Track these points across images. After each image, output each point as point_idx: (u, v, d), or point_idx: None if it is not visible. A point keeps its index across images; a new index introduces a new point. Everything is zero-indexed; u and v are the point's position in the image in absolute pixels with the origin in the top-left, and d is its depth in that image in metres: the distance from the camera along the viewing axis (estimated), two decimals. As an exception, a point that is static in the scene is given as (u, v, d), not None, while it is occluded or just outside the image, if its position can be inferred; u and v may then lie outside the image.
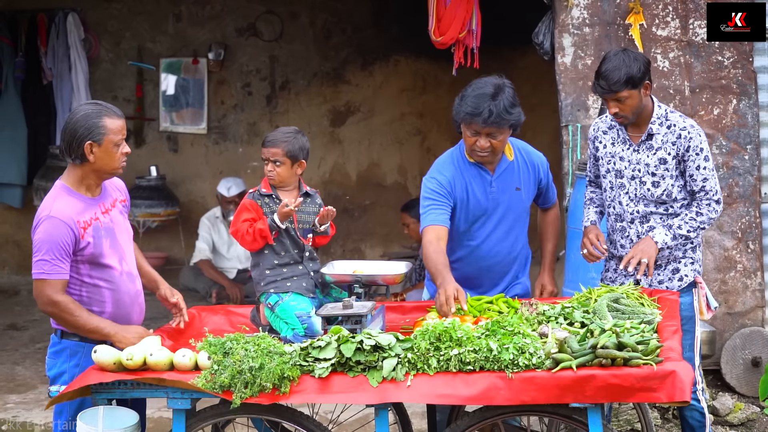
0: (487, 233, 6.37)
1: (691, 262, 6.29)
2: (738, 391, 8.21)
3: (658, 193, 6.19)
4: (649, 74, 6.14)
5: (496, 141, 6.13)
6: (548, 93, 10.47)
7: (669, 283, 6.25)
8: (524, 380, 4.85)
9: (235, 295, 11.30)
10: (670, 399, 4.74)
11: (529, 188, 6.44)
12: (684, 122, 6.19)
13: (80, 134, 5.42)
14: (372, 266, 6.11)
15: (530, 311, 5.67)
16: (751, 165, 8.19)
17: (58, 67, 12.78)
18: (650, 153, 6.19)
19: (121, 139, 5.52)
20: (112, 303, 5.61)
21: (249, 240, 5.85)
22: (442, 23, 8.70)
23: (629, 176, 6.25)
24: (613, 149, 6.34)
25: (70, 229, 5.41)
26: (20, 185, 13.04)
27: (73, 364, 5.56)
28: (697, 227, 6.15)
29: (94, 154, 5.45)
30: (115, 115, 5.51)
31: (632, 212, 6.27)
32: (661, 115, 6.21)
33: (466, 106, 6.07)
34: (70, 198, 5.51)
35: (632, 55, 6.11)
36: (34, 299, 5.60)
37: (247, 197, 5.91)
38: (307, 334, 5.58)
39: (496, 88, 6.07)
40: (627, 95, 6.08)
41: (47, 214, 5.42)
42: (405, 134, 13.55)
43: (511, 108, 6.07)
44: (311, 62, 13.58)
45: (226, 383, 4.94)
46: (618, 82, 6.05)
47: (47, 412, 8.35)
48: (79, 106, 5.60)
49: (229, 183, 11.72)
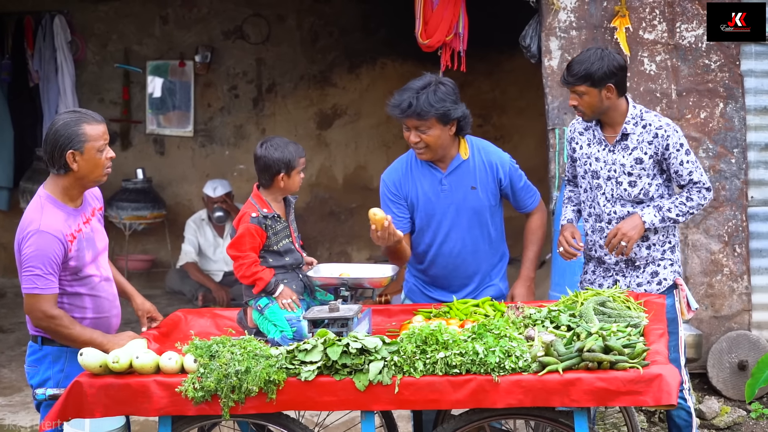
0: (446, 231, 6.39)
1: (671, 263, 6.31)
2: (724, 394, 8.22)
3: (635, 192, 6.20)
4: (617, 79, 6.10)
5: (425, 135, 6.14)
6: (535, 96, 10.50)
7: (648, 287, 6.26)
8: (510, 383, 4.84)
9: (222, 297, 11.29)
10: (657, 402, 4.74)
11: (487, 187, 6.40)
12: (659, 121, 6.21)
13: (61, 144, 5.37)
14: (358, 269, 6.10)
15: (516, 315, 5.67)
16: (737, 168, 8.20)
17: (44, 69, 12.75)
18: (626, 153, 6.20)
19: (103, 144, 5.47)
20: (92, 309, 5.60)
21: (244, 275, 5.72)
22: (429, 26, 8.70)
23: (605, 177, 6.26)
24: (589, 150, 6.35)
25: (60, 243, 5.37)
26: (6, 188, 13.01)
27: (57, 370, 5.55)
28: (687, 212, 6.16)
29: (77, 162, 5.41)
30: (94, 121, 5.46)
31: (609, 213, 6.28)
32: (636, 115, 6.22)
33: (390, 101, 6.16)
34: (56, 210, 5.45)
35: (604, 55, 6.11)
36: (19, 302, 5.58)
37: (251, 221, 5.81)
38: (295, 338, 5.56)
39: (425, 83, 6.12)
40: (584, 90, 6.11)
41: (36, 228, 5.36)
42: (392, 137, 13.54)
43: (435, 102, 6.06)
44: (298, 65, 13.57)
45: (212, 387, 4.93)
46: (575, 75, 6.10)
47: (33, 414, 8.34)
48: (58, 116, 5.54)
49: (215, 184, 11.70)
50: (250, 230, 5.71)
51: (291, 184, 5.82)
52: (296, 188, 5.86)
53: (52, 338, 5.50)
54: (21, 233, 5.43)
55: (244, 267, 5.71)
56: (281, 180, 5.77)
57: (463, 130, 6.29)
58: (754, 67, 8.28)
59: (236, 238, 5.75)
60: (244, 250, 5.71)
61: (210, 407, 5.00)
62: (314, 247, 13.21)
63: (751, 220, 8.30)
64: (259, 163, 5.79)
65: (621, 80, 6.15)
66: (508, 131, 13.33)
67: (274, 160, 5.75)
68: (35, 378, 5.59)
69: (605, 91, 6.09)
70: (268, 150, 5.77)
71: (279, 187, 5.80)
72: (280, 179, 5.77)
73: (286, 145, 5.80)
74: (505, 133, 13.31)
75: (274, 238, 5.75)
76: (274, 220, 5.77)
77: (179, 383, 4.99)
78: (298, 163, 5.81)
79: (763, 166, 8.34)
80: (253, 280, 5.71)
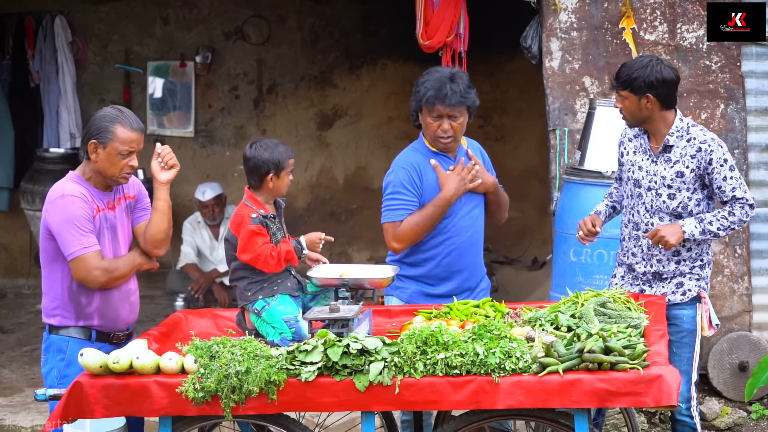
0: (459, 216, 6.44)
1: (697, 278, 6.26)
2: (725, 395, 8.22)
3: (673, 205, 6.15)
4: (659, 91, 6.05)
5: (456, 123, 6.31)
6: (536, 97, 10.50)
7: (672, 297, 6.21)
8: (511, 384, 4.84)
9: (223, 298, 11.28)
10: (657, 403, 4.74)
11: None
12: (704, 135, 6.14)
13: (90, 132, 5.58)
14: (358, 270, 6.10)
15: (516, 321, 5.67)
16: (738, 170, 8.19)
17: (45, 70, 12.76)
18: (667, 165, 6.15)
19: (129, 151, 5.59)
20: (99, 297, 5.66)
21: (273, 264, 5.69)
22: (430, 27, 8.70)
23: (646, 187, 6.22)
24: (634, 158, 6.31)
25: (85, 202, 5.54)
26: (7, 188, 13.01)
27: (59, 359, 5.63)
28: (728, 226, 6.10)
29: (97, 154, 5.57)
30: (129, 126, 5.59)
31: (648, 223, 6.22)
32: (681, 128, 6.16)
33: (427, 90, 6.27)
34: (79, 184, 5.63)
35: (651, 65, 6.07)
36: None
37: (252, 222, 5.77)
38: (294, 338, 5.56)
39: (451, 73, 6.33)
40: (625, 95, 6.11)
41: (60, 194, 5.56)
42: (392, 138, 13.53)
43: (469, 89, 6.32)
44: (298, 66, 13.57)
45: (213, 388, 4.93)
46: (618, 78, 6.14)
47: (34, 415, 8.35)
48: (106, 107, 5.73)
49: (204, 187, 11.62)
50: (254, 230, 5.69)
51: (280, 185, 5.82)
52: (285, 190, 5.86)
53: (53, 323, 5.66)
54: (47, 204, 5.59)
55: (268, 259, 5.69)
56: (270, 181, 5.77)
57: (470, 119, 6.46)
58: (755, 68, 8.28)
59: (245, 242, 5.71)
60: (257, 248, 5.69)
61: (210, 408, 5.00)
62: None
63: (751, 222, 8.29)
64: (249, 164, 5.79)
65: (664, 93, 6.08)
66: (508, 132, 13.31)
67: (264, 161, 5.75)
68: (45, 366, 5.71)
69: (644, 100, 6.06)
70: (258, 151, 5.77)
71: (268, 188, 5.80)
72: (269, 180, 5.77)
73: (275, 146, 5.80)
74: (506, 134, 13.30)
75: (272, 238, 5.75)
76: (271, 220, 5.77)
77: (179, 384, 4.99)
78: (287, 164, 5.81)
79: (763, 167, 8.34)
80: (284, 260, 5.75)
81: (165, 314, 6.10)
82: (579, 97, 8.22)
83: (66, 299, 5.64)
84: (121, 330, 5.80)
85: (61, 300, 5.65)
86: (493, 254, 12.36)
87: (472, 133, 6.76)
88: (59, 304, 5.65)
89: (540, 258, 11.87)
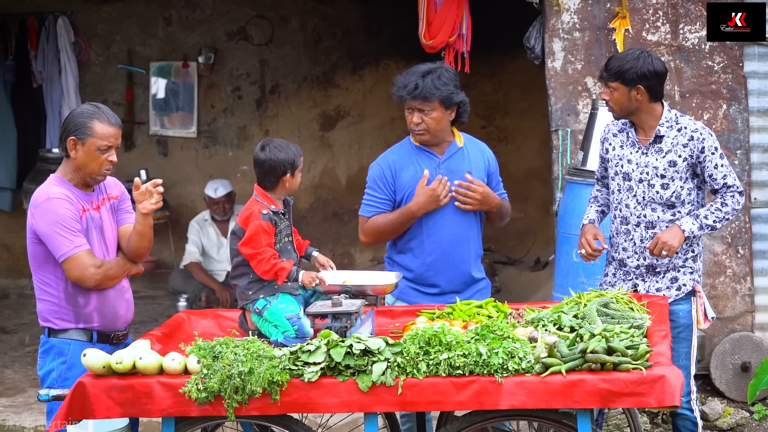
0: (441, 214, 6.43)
1: (691, 271, 6.28)
2: (727, 396, 8.22)
3: (667, 195, 6.18)
4: (649, 83, 6.11)
5: (428, 118, 6.33)
6: (538, 97, 10.48)
7: (667, 292, 6.23)
8: (514, 385, 4.84)
9: (225, 298, 11.28)
10: (660, 404, 4.74)
11: (479, 175, 6.51)
12: (695, 124, 6.21)
13: (69, 129, 5.57)
14: (362, 276, 6.10)
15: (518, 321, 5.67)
16: (740, 170, 8.20)
17: (48, 70, 12.76)
18: (659, 155, 6.19)
19: (108, 146, 5.57)
20: (96, 296, 5.66)
21: (265, 269, 5.66)
22: (433, 27, 8.70)
23: (637, 179, 6.24)
24: (621, 152, 6.33)
25: (70, 203, 5.54)
26: (10, 189, 13.03)
27: (61, 362, 5.61)
28: (723, 217, 6.14)
29: (76, 150, 5.58)
30: (107, 122, 5.59)
31: (639, 215, 6.25)
32: (670, 119, 6.21)
33: (398, 85, 6.39)
34: (62, 186, 5.62)
35: (641, 57, 6.14)
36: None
37: (262, 218, 5.75)
38: (298, 336, 5.56)
39: (430, 68, 6.38)
40: (615, 87, 6.14)
41: (45, 198, 5.54)
42: (395, 138, 13.38)
43: (441, 85, 6.29)
44: (301, 66, 13.57)
45: (216, 388, 4.93)
46: (609, 70, 6.17)
47: (37, 415, 8.35)
48: (82, 104, 5.77)
49: (216, 184, 11.69)
50: (263, 226, 5.69)
51: (294, 183, 5.85)
52: (297, 187, 5.90)
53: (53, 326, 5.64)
54: (32, 209, 5.58)
55: (264, 262, 5.67)
56: (287, 180, 5.79)
57: (461, 117, 6.46)
58: (758, 69, 8.28)
59: (250, 236, 5.70)
60: (260, 246, 5.69)
61: (213, 408, 5.00)
62: (317, 248, 13.18)
63: (754, 222, 8.30)
64: (264, 167, 5.78)
65: (654, 85, 6.15)
66: (511, 133, 13.31)
67: (280, 162, 5.75)
68: (42, 369, 5.68)
69: (635, 91, 6.11)
70: (273, 152, 5.77)
71: (284, 188, 5.81)
72: (286, 180, 5.78)
73: (287, 146, 5.82)
74: (508, 134, 13.30)
75: (279, 236, 5.76)
76: (281, 217, 5.78)
77: (182, 384, 5.00)
78: (300, 162, 5.84)
79: (766, 167, 8.34)
80: (275, 272, 5.69)
81: (168, 314, 6.11)
82: (581, 97, 8.23)
83: (63, 301, 5.63)
84: (120, 330, 5.80)
85: (58, 303, 5.63)
86: (496, 255, 12.38)
87: (475, 134, 6.75)
88: (57, 307, 5.63)
89: (543, 258, 11.86)
